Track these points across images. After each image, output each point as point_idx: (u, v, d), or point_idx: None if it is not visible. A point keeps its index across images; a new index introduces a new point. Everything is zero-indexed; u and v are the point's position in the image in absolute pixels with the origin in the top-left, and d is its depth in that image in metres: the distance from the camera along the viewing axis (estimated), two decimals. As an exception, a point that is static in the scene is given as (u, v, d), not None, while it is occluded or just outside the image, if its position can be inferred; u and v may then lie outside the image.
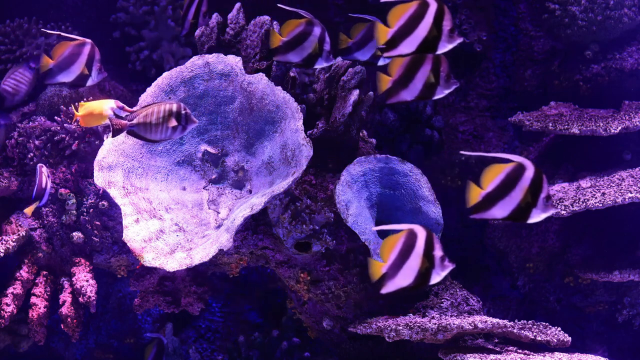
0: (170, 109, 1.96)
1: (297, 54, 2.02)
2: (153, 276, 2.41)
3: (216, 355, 2.78)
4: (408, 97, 1.83)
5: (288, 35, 2.01)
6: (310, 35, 2.01)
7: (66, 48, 2.09)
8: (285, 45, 2.02)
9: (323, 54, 2.02)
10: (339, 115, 2.25)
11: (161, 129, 1.97)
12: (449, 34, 1.74)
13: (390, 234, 1.70)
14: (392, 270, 1.67)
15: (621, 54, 2.81)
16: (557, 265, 2.70)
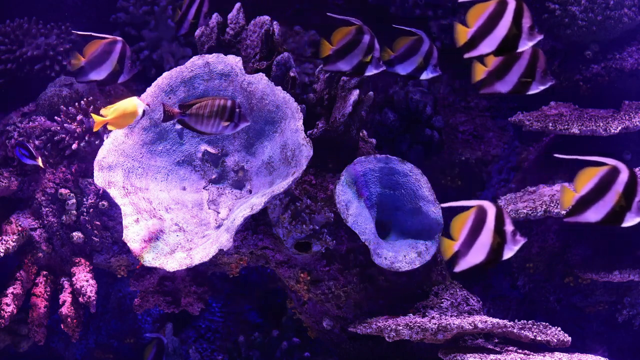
0: (225, 105, 1.97)
1: (347, 62, 2.03)
2: (153, 276, 2.41)
3: (216, 355, 2.78)
4: (502, 90, 1.81)
5: (338, 44, 2.02)
6: (360, 42, 2.02)
7: (98, 46, 2.12)
8: (335, 53, 2.02)
9: (373, 61, 2.03)
10: (339, 115, 2.25)
11: (212, 123, 1.98)
12: (529, 31, 1.73)
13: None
14: (464, 248, 1.66)
15: (621, 54, 2.81)
16: (557, 265, 2.70)
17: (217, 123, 1.97)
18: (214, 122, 1.97)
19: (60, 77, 2.70)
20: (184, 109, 1.96)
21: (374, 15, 3.04)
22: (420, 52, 2.07)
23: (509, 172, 2.97)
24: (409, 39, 2.08)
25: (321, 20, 3.09)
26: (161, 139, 2.29)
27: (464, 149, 2.97)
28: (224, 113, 1.97)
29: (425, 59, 2.07)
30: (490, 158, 2.96)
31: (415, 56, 2.06)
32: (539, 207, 2.43)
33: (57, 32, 2.84)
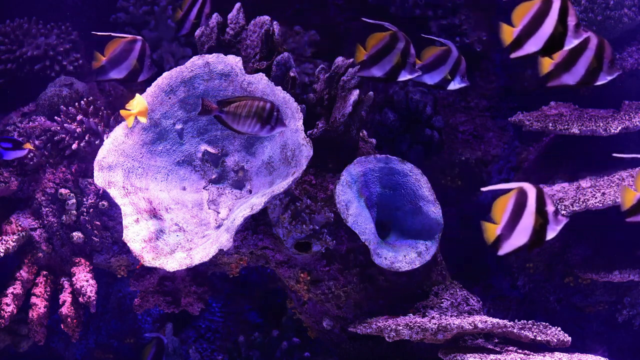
0: (264, 106, 1.97)
1: (381, 68, 2.03)
2: (153, 276, 2.41)
3: (216, 355, 2.78)
4: (570, 82, 1.81)
5: (372, 49, 2.01)
6: (394, 48, 2.01)
7: (118, 45, 2.14)
8: (369, 59, 2.02)
9: (407, 66, 2.01)
10: (339, 115, 2.25)
11: (249, 123, 1.98)
12: (575, 29, 1.73)
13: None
14: (506, 230, 1.67)
15: (621, 54, 2.81)
16: (557, 265, 2.70)
17: (253, 124, 1.97)
18: (250, 122, 1.97)
19: (60, 77, 2.70)
20: (222, 106, 1.96)
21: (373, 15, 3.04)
22: (448, 63, 2.08)
23: (509, 172, 2.97)
24: (437, 48, 2.08)
25: (321, 20, 3.09)
26: (161, 139, 2.29)
27: (464, 149, 2.97)
28: (262, 115, 1.97)
29: (452, 70, 2.07)
30: (490, 158, 2.96)
31: (444, 66, 2.07)
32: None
33: (57, 32, 2.84)
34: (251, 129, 1.98)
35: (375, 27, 2.10)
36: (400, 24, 2.99)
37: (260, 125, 1.97)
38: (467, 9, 2.94)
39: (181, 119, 2.29)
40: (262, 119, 1.96)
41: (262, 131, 1.98)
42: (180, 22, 2.38)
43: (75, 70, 2.80)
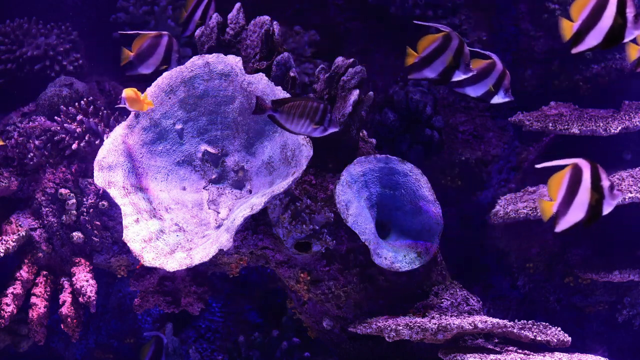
0: (317, 107, 1.98)
1: (433, 69, 2.01)
2: (153, 276, 2.41)
3: (216, 355, 2.77)
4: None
5: (424, 52, 2.01)
6: (447, 49, 1.99)
7: (145, 40, 2.17)
8: (420, 61, 2.02)
9: (461, 66, 2.00)
10: (339, 115, 2.25)
11: (302, 124, 1.99)
12: (635, 20, 1.73)
13: None
14: (563, 207, 1.68)
15: (621, 54, 2.81)
16: (557, 265, 2.70)
17: (306, 124, 1.98)
18: (303, 122, 1.98)
19: (60, 77, 2.70)
20: (276, 105, 1.97)
21: (374, 15, 3.04)
22: (492, 76, 2.07)
23: (509, 172, 2.97)
24: (482, 61, 2.08)
25: (321, 20, 3.09)
26: (161, 139, 2.29)
27: (464, 149, 2.97)
28: (315, 116, 1.98)
29: (496, 83, 2.07)
30: (490, 158, 2.96)
31: (487, 79, 2.06)
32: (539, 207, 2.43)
33: (57, 32, 2.84)
34: (304, 129, 1.99)
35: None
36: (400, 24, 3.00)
37: (313, 126, 1.98)
38: (467, 9, 2.94)
39: (181, 119, 2.29)
40: (314, 120, 1.98)
41: (315, 132, 2.00)
42: (185, 23, 2.39)
43: (75, 70, 2.80)
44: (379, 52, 3.04)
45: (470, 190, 2.96)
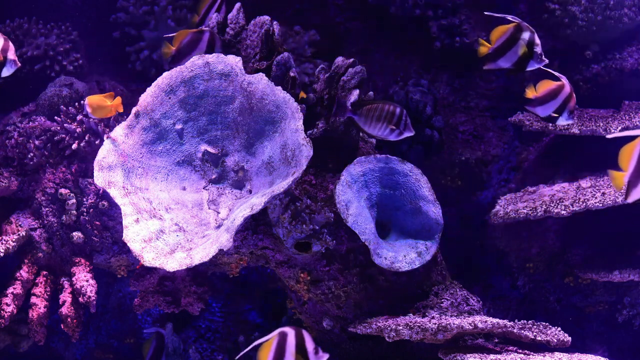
0: (394, 111, 2.08)
1: (508, 59, 2.06)
2: (153, 276, 2.41)
3: (216, 355, 2.78)
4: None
5: (496, 42, 2.05)
6: (519, 39, 2.04)
7: (186, 35, 2.20)
8: (494, 52, 2.06)
9: (534, 55, 2.05)
10: (339, 115, 2.25)
11: (379, 127, 2.10)
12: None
13: None
14: (635, 177, 1.69)
15: (621, 54, 2.81)
16: (557, 265, 2.70)
17: (384, 127, 2.06)
18: (380, 126, 2.05)
19: (60, 77, 2.70)
20: (355, 108, 2.03)
21: (374, 15, 3.04)
22: (559, 98, 2.13)
23: (509, 172, 2.97)
24: (552, 82, 2.14)
25: (321, 20, 3.09)
26: (161, 139, 2.29)
27: (464, 149, 2.97)
28: (392, 119, 2.05)
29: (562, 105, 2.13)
30: (490, 158, 2.96)
31: (554, 101, 2.12)
32: (539, 207, 2.43)
33: (57, 32, 2.84)
34: (381, 132, 2.09)
35: None
36: (400, 24, 3.00)
37: (389, 130, 2.04)
38: (467, 9, 2.94)
39: (181, 119, 2.29)
40: (392, 123, 2.03)
41: (391, 135, 2.08)
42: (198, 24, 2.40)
43: (75, 70, 2.80)
44: (379, 52, 3.04)
45: (470, 190, 2.96)
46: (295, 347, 1.73)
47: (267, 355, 1.72)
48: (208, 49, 2.24)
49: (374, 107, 2.07)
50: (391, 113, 2.07)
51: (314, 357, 1.76)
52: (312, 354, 1.76)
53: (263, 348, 1.73)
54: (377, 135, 2.08)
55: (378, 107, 2.07)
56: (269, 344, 1.73)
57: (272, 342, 1.73)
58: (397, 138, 2.09)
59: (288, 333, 1.74)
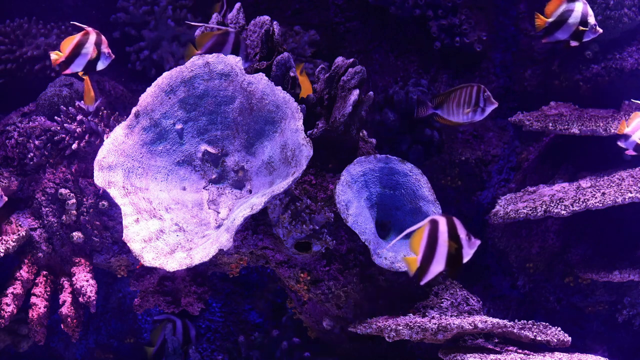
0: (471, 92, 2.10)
1: (564, 31, 2.15)
2: (153, 276, 2.41)
3: (216, 355, 2.78)
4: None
5: (552, 15, 2.14)
6: (572, 11, 2.13)
7: (210, 38, 2.17)
8: (550, 26, 2.15)
9: (589, 27, 2.13)
10: (339, 115, 2.25)
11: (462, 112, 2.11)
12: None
13: None
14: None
15: (621, 54, 2.81)
16: (557, 265, 2.70)
17: (465, 112, 2.09)
18: (463, 111, 2.11)
19: (60, 77, 2.70)
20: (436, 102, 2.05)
21: (373, 15, 3.04)
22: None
23: (509, 172, 2.97)
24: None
25: (321, 20, 3.09)
26: (161, 139, 2.29)
27: (464, 149, 2.97)
28: (471, 100, 2.09)
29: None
30: (490, 158, 2.96)
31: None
32: (539, 207, 2.43)
33: (57, 32, 2.84)
34: (465, 118, 2.11)
35: None
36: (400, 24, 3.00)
37: (472, 112, 2.06)
38: (467, 9, 2.94)
39: (181, 119, 2.29)
40: (471, 104, 2.05)
41: (476, 116, 2.08)
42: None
43: (75, 70, 2.80)
44: (379, 52, 3.05)
45: (470, 190, 2.96)
46: (448, 234, 1.70)
47: (420, 243, 1.70)
48: (234, 51, 2.21)
49: (452, 96, 2.08)
50: (469, 94, 2.08)
51: (466, 243, 1.73)
52: (464, 240, 1.72)
53: (415, 236, 1.71)
54: (464, 122, 2.09)
55: (455, 94, 2.08)
56: (421, 231, 1.71)
57: (424, 230, 1.71)
58: (482, 117, 2.11)
59: (439, 221, 1.71)
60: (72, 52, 2.19)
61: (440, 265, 1.71)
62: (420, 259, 1.70)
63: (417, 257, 1.71)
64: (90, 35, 2.20)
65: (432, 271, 1.71)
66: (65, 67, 2.21)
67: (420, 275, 1.71)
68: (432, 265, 1.71)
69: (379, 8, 3.00)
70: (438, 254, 1.70)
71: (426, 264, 1.71)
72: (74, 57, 2.20)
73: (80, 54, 2.20)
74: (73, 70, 2.23)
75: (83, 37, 2.20)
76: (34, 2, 2.93)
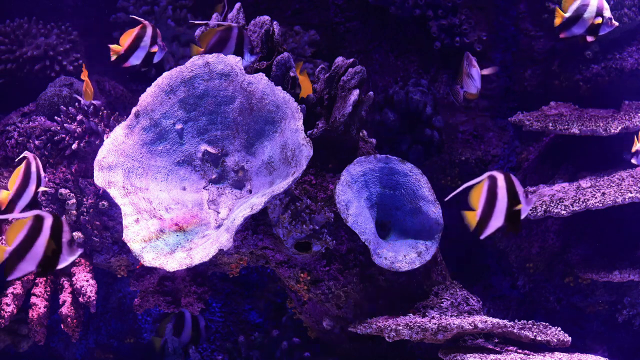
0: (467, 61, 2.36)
1: (581, 26, 2.21)
2: (153, 276, 2.41)
3: (216, 355, 2.77)
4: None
5: (569, 10, 2.20)
6: (587, 6, 2.19)
7: (214, 35, 2.17)
8: (567, 21, 2.21)
9: (604, 20, 2.20)
10: (339, 115, 2.25)
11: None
12: None
13: None
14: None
15: (621, 54, 2.81)
16: (557, 265, 2.70)
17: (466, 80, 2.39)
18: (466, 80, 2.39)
19: (60, 77, 2.70)
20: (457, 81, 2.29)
21: (373, 15, 3.04)
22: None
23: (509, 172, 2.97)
24: None
25: (321, 20, 3.09)
26: (161, 139, 2.29)
27: (464, 149, 2.97)
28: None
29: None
30: (490, 158, 2.96)
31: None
32: (539, 207, 2.43)
33: (57, 32, 2.84)
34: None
35: None
36: (400, 24, 3.00)
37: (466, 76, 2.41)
38: (467, 9, 2.94)
39: (181, 119, 2.29)
40: None
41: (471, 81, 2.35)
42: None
43: (75, 70, 2.80)
44: (379, 52, 3.05)
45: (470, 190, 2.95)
46: (507, 190, 1.73)
47: (479, 198, 1.73)
48: (238, 46, 2.21)
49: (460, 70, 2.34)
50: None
51: (524, 199, 1.74)
52: (522, 196, 1.74)
53: (474, 190, 1.74)
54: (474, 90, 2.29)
55: (461, 68, 2.34)
56: (480, 186, 1.73)
57: (483, 185, 1.73)
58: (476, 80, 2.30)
59: (498, 177, 1.73)
60: (131, 45, 2.21)
61: (499, 220, 1.74)
62: (479, 213, 1.74)
63: (477, 212, 1.74)
64: (147, 28, 2.22)
65: (491, 226, 1.74)
66: (124, 61, 2.23)
67: (480, 230, 1.75)
68: (492, 220, 1.74)
69: (379, 8, 3.00)
70: (497, 209, 1.73)
71: (486, 218, 1.73)
72: (133, 50, 2.22)
73: (139, 47, 2.21)
74: (131, 63, 2.26)
75: (141, 31, 2.21)
76: (34, 2, 2.93)
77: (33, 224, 1.63)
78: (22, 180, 2.10)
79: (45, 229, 1.64)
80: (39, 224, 1.63)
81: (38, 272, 1.67)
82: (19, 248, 1.62)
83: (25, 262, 1.64)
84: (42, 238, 1.64)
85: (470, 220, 1.75)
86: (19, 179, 2.09)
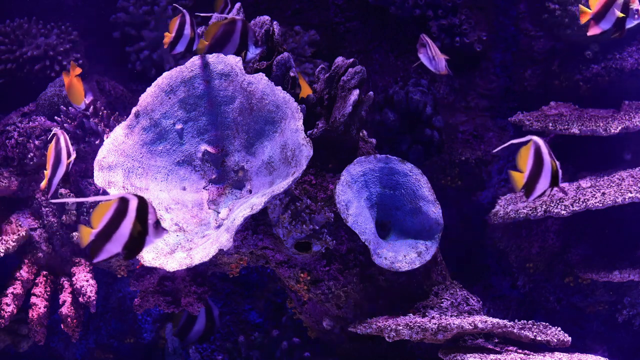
0: None
1: (608, 21, 2.23)
2: (153, 276, 2.41)
3: (216, 355, 2.77)
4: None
5: (596, 7, 2.22)
6: (615, 2, 2.22)
7: (218, 28, 2.18)
8: (595, 16, 2.23)
9: (630, 13, 2.22)
10: (339, 115, 2.25)
11: None
12: None
13: None
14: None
15: (621, 54, 2.81)
16: (557, 265, 2.70)
17: None
18: None
19: (60, 77, 2.70)
20: None
21: (373, 15, 3.04)
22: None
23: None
24: None
25: (321, 20, 3.09)
26: (161, 139, 2.29)
27: (464, 149, 2.97)
28: None
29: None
30: (490, 158, 2.96)
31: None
32: (539, 207, 2.43)
33: (57, 32, 2.84)
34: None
35: None
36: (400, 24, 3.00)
37: None
38: (467, 9, 2.94)
39: (181, 119, 2.29)
40: None
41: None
42: None
43: (75, 70, 2.80)
44: (379, 52, 3.05)
45: (470, 190, 2.96)
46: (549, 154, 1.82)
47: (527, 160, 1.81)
48: (242, 39, 2.21)
49: None
50: None
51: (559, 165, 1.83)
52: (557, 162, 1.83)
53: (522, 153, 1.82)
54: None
55: None
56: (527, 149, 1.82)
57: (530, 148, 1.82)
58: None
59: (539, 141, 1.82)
60: (177, 33, 2.23)
61: (546, 183, 1.81)
62: (527, 175, 1.81)
63: (524, 174, 1.81)
64: (185, 16, 2.24)
65: (538, 188, 1.82)
66: (172, 48, 2.25)
67: (529, 191, 1.81)
68: (539, 182, 1.81)
69: (379, 8, 2.99)
70: (544, 171, 1.81)
71: (533, 180, 1.81)
72: (179, 38, 2.24)
73: (182, 35, 2.24)
74: (177, 51, 2.27)
75: (182, 19, 2.24)
76: (34, 2, 2.93)
77: (119, 206, 1.62)
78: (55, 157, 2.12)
79: (131, 210, 1.62)
80: (124, 206, 1.62)
81: (124, 254, 1.64)
82: (105, 230, 1.61)
83: (111, 244, 1.62)
84: (127, 220, 1.62)
85: (517, 181, 1.82)
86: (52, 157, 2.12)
